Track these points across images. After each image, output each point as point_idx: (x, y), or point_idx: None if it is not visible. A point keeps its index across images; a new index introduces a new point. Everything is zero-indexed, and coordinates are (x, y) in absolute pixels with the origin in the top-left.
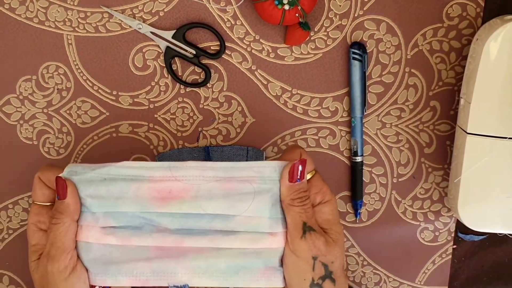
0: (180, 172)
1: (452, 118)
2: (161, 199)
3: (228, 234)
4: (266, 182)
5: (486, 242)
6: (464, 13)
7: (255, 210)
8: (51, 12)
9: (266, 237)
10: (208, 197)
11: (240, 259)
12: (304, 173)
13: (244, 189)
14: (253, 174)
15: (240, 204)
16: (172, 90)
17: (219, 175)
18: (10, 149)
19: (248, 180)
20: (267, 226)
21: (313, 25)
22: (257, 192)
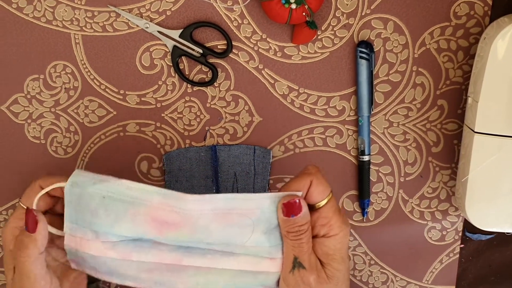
0: (178, 203)
1: (460, 117)
2: (157, 229)
3: (227, 255)
4: (265, 213)
5: (494, 241)
6: (472, 11)
7: (254, 241)
8: (59, 12)
9: (265, 261)
10: (205, 231)
11: (238, 279)
12: (301, 209)
13: (243, 223)
14: (253, 206)
15: (239, 237)
16: (179, 89)
17: (218, 207)
18: (18, 148)
19: (247, 214)
20: (266, 252)
21: (320, 24)
22: (256, 224)
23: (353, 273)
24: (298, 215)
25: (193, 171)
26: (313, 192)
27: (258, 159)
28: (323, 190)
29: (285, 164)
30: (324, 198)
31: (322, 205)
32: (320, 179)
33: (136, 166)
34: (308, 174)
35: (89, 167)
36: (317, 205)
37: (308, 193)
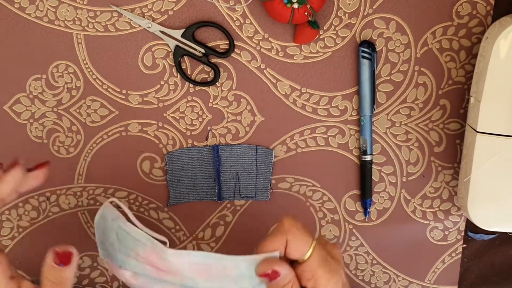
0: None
1: (462, 116)
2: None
3: None
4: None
5: (496, 241)
6: (474, 11)
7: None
8: (61, 11)
9: None
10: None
11: None
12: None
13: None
14: (230, 266)
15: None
16: (181, 89)
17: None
18: (20, 148)
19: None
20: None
21: (322, 24)
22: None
23: (355, 273)
24: (278, 279)
25: (195, 170)
26: (291, 251)
27: (260, 159)
28: (301, 246)
29: (287, 164)
30: (304, 253)
31: (305, 259)
32: (296, 235)
33: (138, 166)
34: (283, 232)
35: (91, 167)
36: (300, 259)
37: (286, 251)
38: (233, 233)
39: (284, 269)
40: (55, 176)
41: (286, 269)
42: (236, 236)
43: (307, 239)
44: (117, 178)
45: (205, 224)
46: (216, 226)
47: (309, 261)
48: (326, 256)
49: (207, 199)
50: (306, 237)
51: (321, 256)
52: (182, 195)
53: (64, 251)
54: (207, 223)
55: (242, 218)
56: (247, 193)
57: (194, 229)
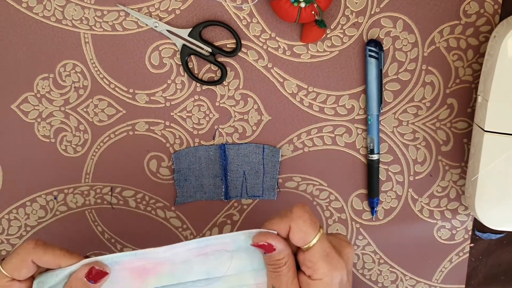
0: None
1: (470, 115)
2: (138, 277)
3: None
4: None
5: (504, 240)
6: (482, 10)
7: (235, 269)
8: (68, 11)
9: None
10: (184, 268)
11: None
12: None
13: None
14: (228, 241)
15: (218, 268)
16: (188, 88)
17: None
18: (28, 147)
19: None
20: (251, 278)
21: (329, 23)
22: (235, 253)
23: (363, 272)
24: (273, 252)
25: (202, 170)
26: (293, 238)
27: (267, 158)
28: (304, 237)
29: (294, 163)
30: (306, 243)
31: (307, 249)
32: (299, 225)
33: (145, 165)
34: (289, 219)
35: (98, 166)
36: (303, 248)
37: (289, 236)
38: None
39: (280, 245)
40: (62, 175)
41: (282, 245)
42: None
43: (310, 232)
44: (124, 177)
45: (212, 223)
46: (223, 225)
47: (311, 251)
48: (330, 250)
49: (214, 198)
50: (310, 229)
51: (324, 250)
52: (189, 194)
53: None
54: (214, 222)
55: (249, 217)
56: (254, 192)
57: (201, 228)
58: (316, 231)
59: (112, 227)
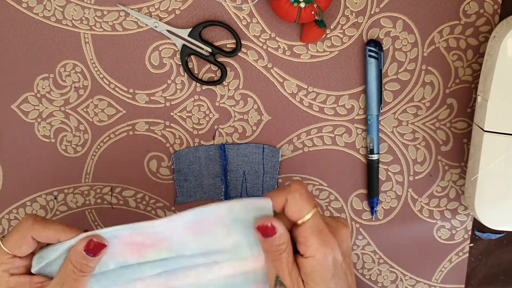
0: (148, 230)
1: (469, 115)
2: (136, 253)
3: (210, 266)
4: (238, 215)
5: (504, 240)
6: (481, 10)
7: (232, 243)
8: (68, 11)
9: (248, 260)
10: (182, 244)
11: (228, 285)
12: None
13: (216, 228)
14: (223, 212)
15: (215, 242)
16: (188, 88)
17: (187, 221)
18: (28, 147)
19: (219, 219)
20: (247, 250)
21: (329, 23)
22: (231, 225)
23: (362, 272)
24: (274, 236)
25: (202, 170)
26: (288, 211)
27: (267, 158)
28: (299, 209)
29: (294, 163)
30: (301, 217)
31: (301, 223)
32: (296, 198)
33: (145, 165)
34: (286, 192)
35: (98, 166)
36: (298, 222)
37: (284, 209)
38: None
39: (281, 228)
40: (62, 175)
41: (282, 228)
42: None
43: (306, 205)
44: (124, 177)
45: None
46: None
47: (304, 226)
48: (323, 228)
49: (214, 198)
50: (305, 203)
51: (316, 226)
52: (189, 194)
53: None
54: None
55: None
56: (253, 192)
57: None
58: (311, 206)
59: None
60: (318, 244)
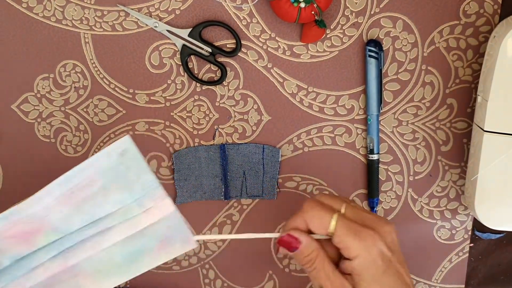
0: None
1: (469, 115)
2: (25, 243)
3: (104, 233)
4: (108, 171)
5: (504, 240)
6: (481, 10)
7: (116, 203)
8: (68, 11)
9: (140, 216)
10: (65, 220)
11: (131, 246)
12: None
13: (90, 194)
14: (91, 173)
15: (98, 209)
16: (188, 88)
17: (56, 194)
18: (28, 147)
19: (89, 184)
20: (136, 207)
21: (329, 23)
22: (105, 187)
23: None
24: (300, 247)
25: (202, 169)
26: (312, 228)
27: (267, 158)
28: (321, 225)
29: (294, 163)
30: (327, 229)
31: (332, 231)
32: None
33: None
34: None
35: None
36: (328, 233)
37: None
38: (240, 232)
39: (303, 237)
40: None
41: (306, 237)
42: None
43: (324, 217)
44: None
45: (212, 223)
46: (223, 225)
47: (336, 232)
48: (355, 226)
49: (214, 198)
50: (323, 213)
51: (347, 226)
52: (189, 194)
53: None
54: (214, 222)
55: (249, 217)
56: (254, 192)
57: (201, 228)
58: (329, 215)
59: None
60: (356, 242)
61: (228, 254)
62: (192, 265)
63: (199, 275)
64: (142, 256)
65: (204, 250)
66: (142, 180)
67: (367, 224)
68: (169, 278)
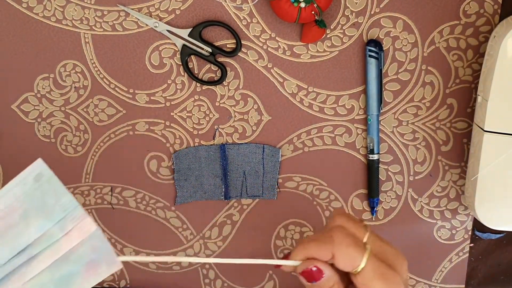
0: None
1: (469, 115)
2: None
3: (30, 262)
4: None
5: (504, 240)
6: (482, 10)
7: (38, 230)
8: (68, 11)
9: (62, 240)
10: None
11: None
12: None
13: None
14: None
15: (20, 235)
16: (189, 88)
17: None
18: (28, 147)
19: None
20: (58, 231)
21: (329, 23)
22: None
23: None
24: (322, 279)
25: (202, 169)
26: (338, 265)
27: (267, 158)
28: (351, 263)
29: (294, 163)
30: (355, 268)
31: (359, 271)
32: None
33: (145, 165)
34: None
35: (98, 166)
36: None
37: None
38: (240, 232)
39: (328, 271)
40: (62, 175)
41: (330, 271)
42: (243, 235)
43: (356, 256)
44: (124, 177)
45: (212, 223)
46: (223, 225)
47: (362, 274)
48: (383, 269)
49: (214, 198)
50: (355, 253)
51: (376, 269)
52: (189, 194)
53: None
54: (214, 222)
55: (249, 217)
56: (254, 192)
57: (201, 228)
58: (362, 253)
59: (112, 227)
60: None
61: (228, 254)
62: (192, 265)
63: (199, 275)
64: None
65: (204, 250)
66: (61, 203)
67: (389, 262)
68: (169, 278)
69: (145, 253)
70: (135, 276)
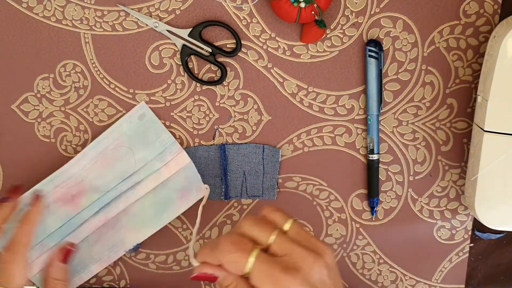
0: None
1: (469, 115)
2: (72, 205)
3: (134, 188)
4: (131, 132)
5: (503, 240)
6: (481, 10)
7: (141, 161)
8: (68, 11)
9: (162, 170)
10: (102, 179)
11: (157, 197)
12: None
13: (121, 154)
14: (117, 136)
15: (128, 167)
16: (188, 88)
17: (92, 157)
18: (28, 147)
19: (118, 144)
20: (158, 162)
21: (329, 23)
22: (132, 146)
23: (362, 272)
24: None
25: (202, 170)
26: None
27: (267, 158)
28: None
29: (294, 163)
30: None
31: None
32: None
33: None
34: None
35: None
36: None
37: None
38: None
39: (219, 272)
40: None
41: (221, 271)
42: None
43: (239, 260)
44: None
45: (212, 223)
46: (223, 225)
47: (252, 277)
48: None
49: (214, 198)
50: (238, 258)
51: (264, 272)
52: None
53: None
54: (214, 222)
55: None
56: (254, 192)
57: (201, 228)
58: (245, 257)
59: None
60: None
61: None
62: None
63: None
64: (168, 206)
65: None
66: (160, 138)
67: (291, 265)
68: (169, 278)
69: (144, 253)
70: (135, 276)
